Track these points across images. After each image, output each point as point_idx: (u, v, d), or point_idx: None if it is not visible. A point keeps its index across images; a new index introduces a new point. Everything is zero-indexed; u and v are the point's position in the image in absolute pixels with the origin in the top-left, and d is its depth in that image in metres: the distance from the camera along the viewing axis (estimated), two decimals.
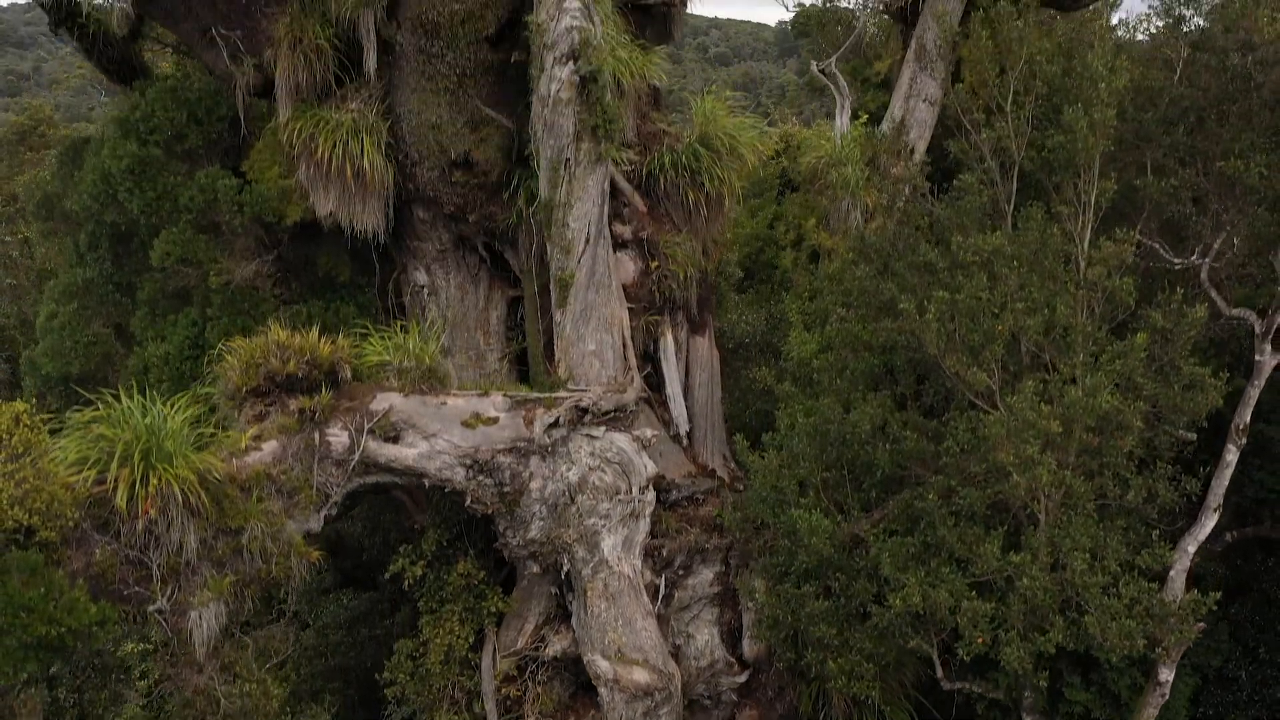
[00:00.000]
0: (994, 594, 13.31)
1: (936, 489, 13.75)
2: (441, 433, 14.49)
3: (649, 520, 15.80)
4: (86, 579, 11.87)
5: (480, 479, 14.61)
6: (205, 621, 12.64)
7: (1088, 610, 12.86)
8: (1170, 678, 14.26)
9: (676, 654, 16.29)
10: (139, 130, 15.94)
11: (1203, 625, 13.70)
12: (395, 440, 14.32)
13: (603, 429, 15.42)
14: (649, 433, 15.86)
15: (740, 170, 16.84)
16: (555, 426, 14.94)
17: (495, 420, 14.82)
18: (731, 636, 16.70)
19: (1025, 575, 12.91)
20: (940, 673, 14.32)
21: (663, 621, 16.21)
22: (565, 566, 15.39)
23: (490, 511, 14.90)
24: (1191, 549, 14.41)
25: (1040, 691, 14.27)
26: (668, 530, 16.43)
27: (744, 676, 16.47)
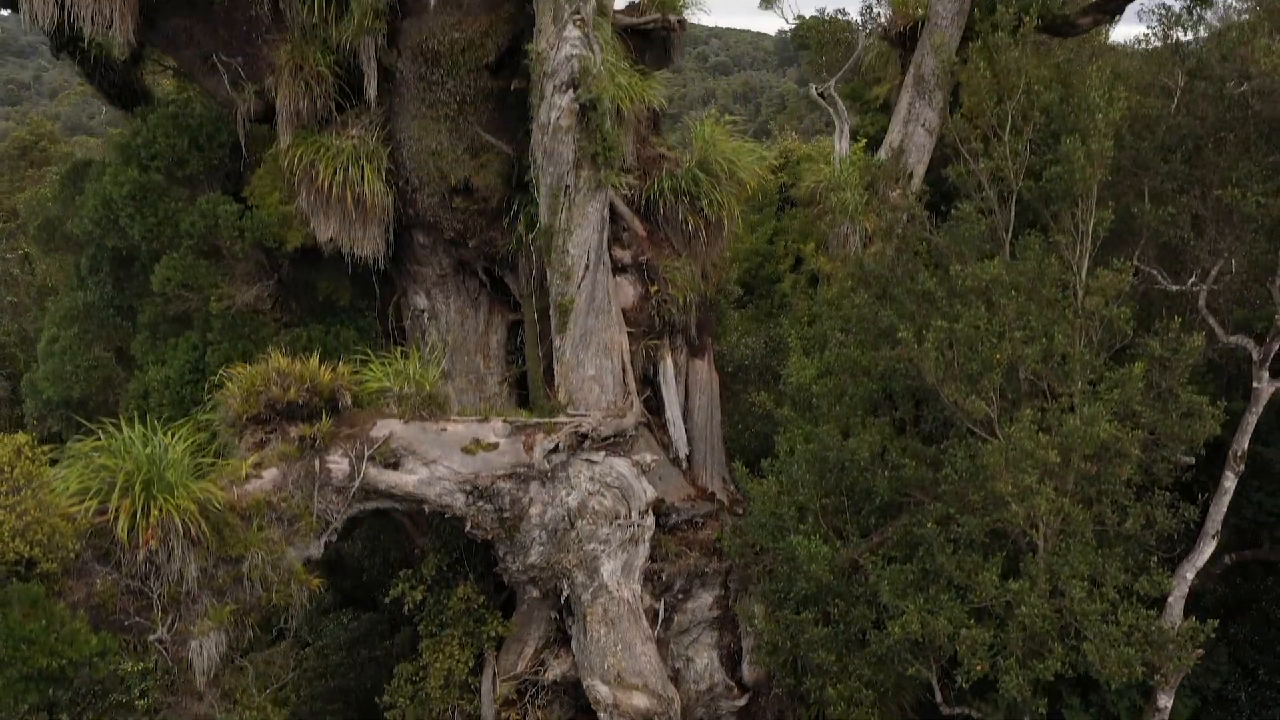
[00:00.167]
0: (993, 621, 13.33)
1: (935, 516, 13.79)
2: (441, 459, 14.52)
3: (648, 545, 15.81)
4: (87, 609, 11.90)
5: (480, 505, 14.64)
6: (206, 650, 12.65)
7: (1086, 637, 12.88)
8: (1169, 704, 14.31)
9: (676, 678, 16.31)
10: (140, 156, 16.00)
11: (1201, 652, 13.73)
12: (395, 466, 14.34)
13: (602, 454, 15.45)
14: (648, 457, 15.89)
15: (740, 195, 16.90)
16: (555, 452, 14.97)
17: (495, 446, 14.85)
18: (731, 660, 16.71)
19: (1024, 603, 12.95)
20: (939, 698, 14.34)
21: (662, 645, 16.23)
22: (565, 591, 15.41)
23: (490, 537, 14.92)
24: (1190, 575, 14.46)
25: (1040, 717, 14.29)
26: (667, 554, 16.45)
27: (744, 700, 16.48)
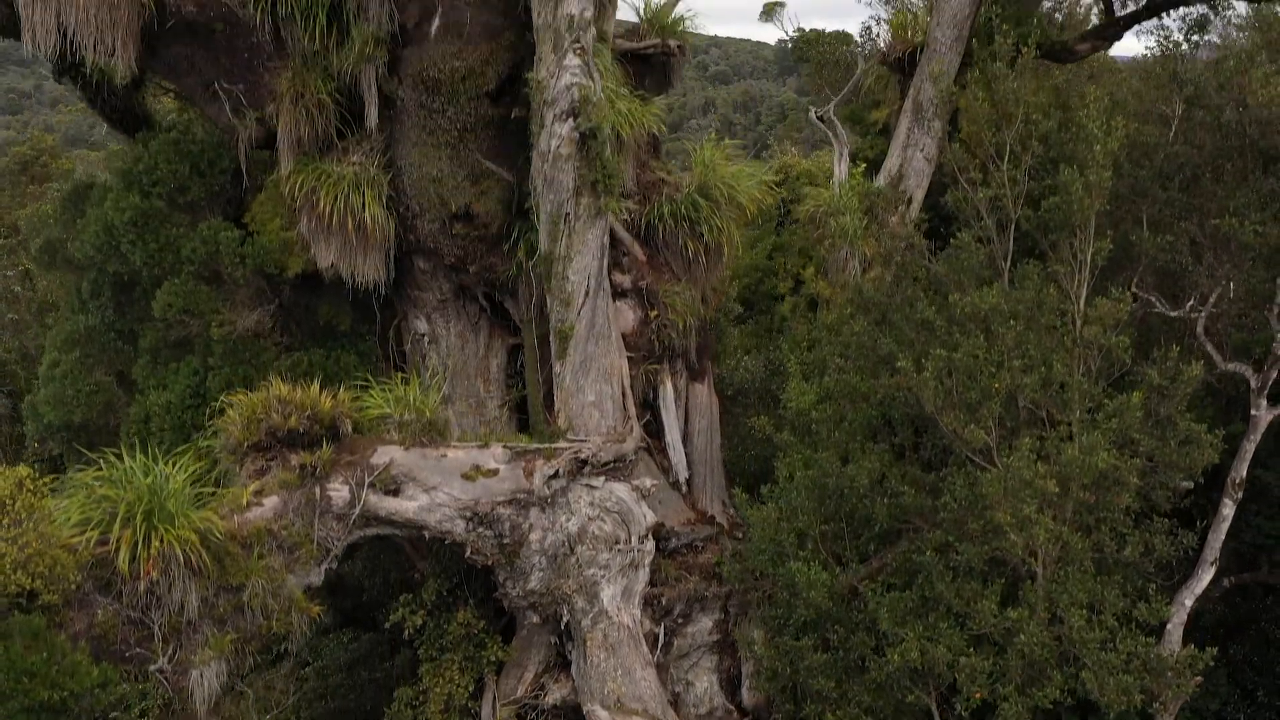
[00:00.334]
0: (992, 648, 13.37)
1: (934, 544, 13.83)
2: (442, 485, 14.56)
3: (648, 569, 15.85)
4: (88, 640, 11.93)
5: (480, 531, 14.68)
6: (206, 680, 12.69)
7: (1085, 665, 12.91)
8: None
9: (676, 702, 16.34)
10: (142, 182, 16.04)
11: (1199, 679, 13.75)
12: (395, 493, 14.38)
13: (602, 479, 15.49)
14: (648, 482, 15.93)
15: (739, 219, 16.97)
16: (555, 478, 15.01)
17: (495, 472, 14.89)
18: (731, 684, 16.75)
19: (1023, 630, 12.98)
20: None
21: (662, 669, 16.26)
22: (565, 617, 15.45)
23: (490, 562, 14.96)
24: (1189, 602, 14.49)
25: None
26: (667, 578, 16.49)
27: None
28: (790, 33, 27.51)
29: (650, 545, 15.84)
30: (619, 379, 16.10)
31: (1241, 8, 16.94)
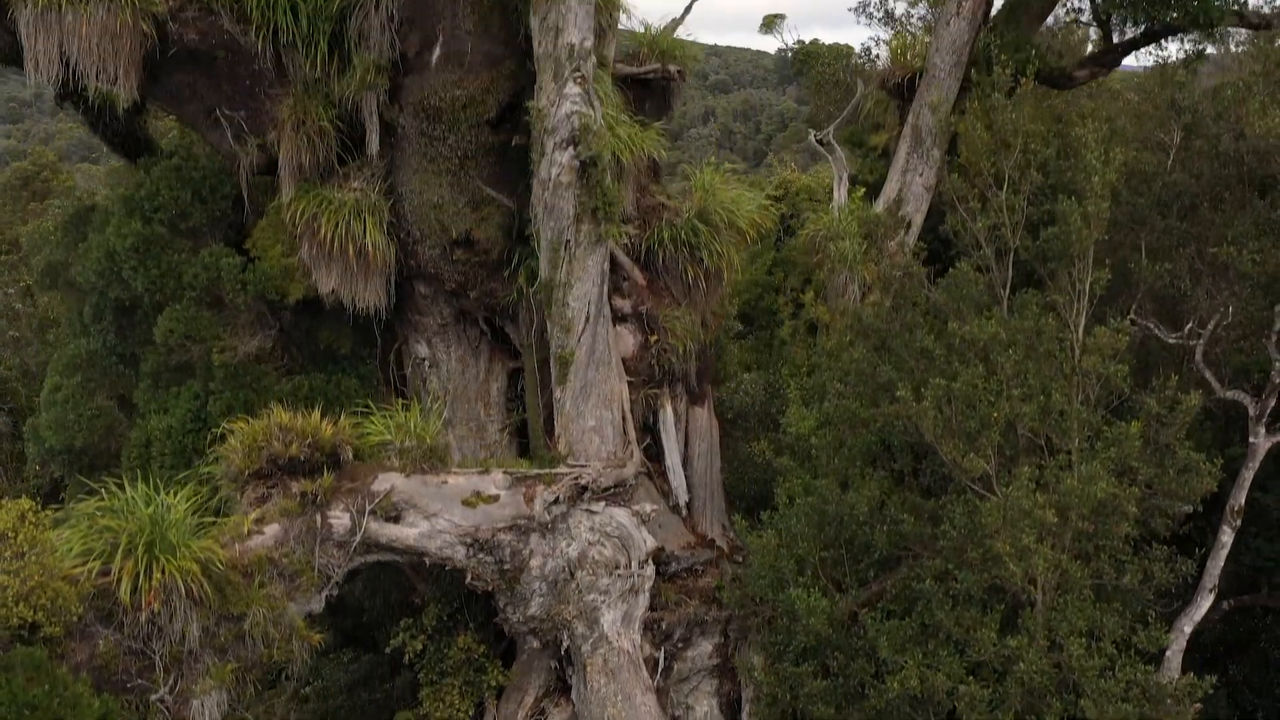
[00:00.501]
0: (992, 676, 13.38)
1: (934, 572, 13.85)
2: (442, 512, 14.59)
3: (648, 595, 15.88)
4: (90, 671, 11.95)
5: (481, 557, 14.71)
6: (208, 709, 12.71)
7: (1085, 693, 12.92)
8: None
9: None
10: (143, 209, 16.11)
11: (1199, 706, 13.77)
12: (396, 520, 14.41)
13: (602, 504, 15.54)
14: (648, 507, 15.97)
15: (739, 244, 17.02)
16: (555, 504, 15.05)
17: (496, 498, 14.93)
18: (731, 708, 16.75)
19: (1023, 658, 13.00)
20: None
21: (662, 693, 16.27)
22: (565, 642, 15.48)
23: (491, 588, 15.00)
24: (1188, 629, 14.53)
25: None
26: (667, 602, 16.50)
27: None
28: (790, 44, 27.53)
29: (650, 570, 15.87)
30: (619, 404, 16.15)
31: (1242, 33, 16.99)
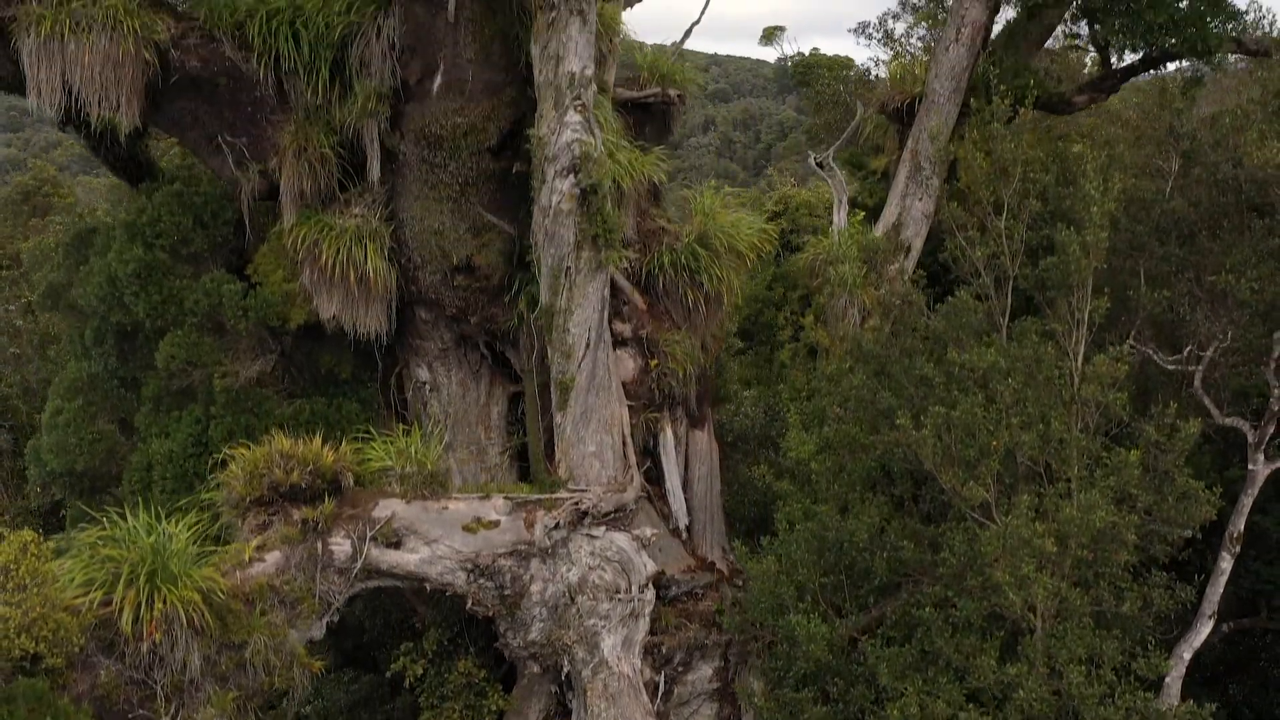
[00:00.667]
0: (992, 702, 13.39)
1: (933, 599, 13.87)
2: (443, 538, 14.62)
3: (649, 619, 15.89)
4: (91, 701, 11.97)
5: (481, 582, 14.73)
6: None
7: None
8: None
9: None
10: (145, 235, 16.15)
11: None
12: (397, 546, 14.44)
13: (603, 529, 15.55)
14: (649, 531, 15.98)
15: (739, 268, 17.06)
16: (556, 529, 15.07)
17: (496, 524, 14.95)
18: None
19: (1022, 686, 13.01)
20: None
21: (662, 717, 16.28)
22: (566, 667, 15.48)
23: (492, 613, 15.02)
24: (1187, 655, 14.54)
25: None
26: (667, 626, 16.52)
27: None
28: (791, 55, 27.58)
29: (650, 594, 15.88)
30: (619, 428, 16.17)
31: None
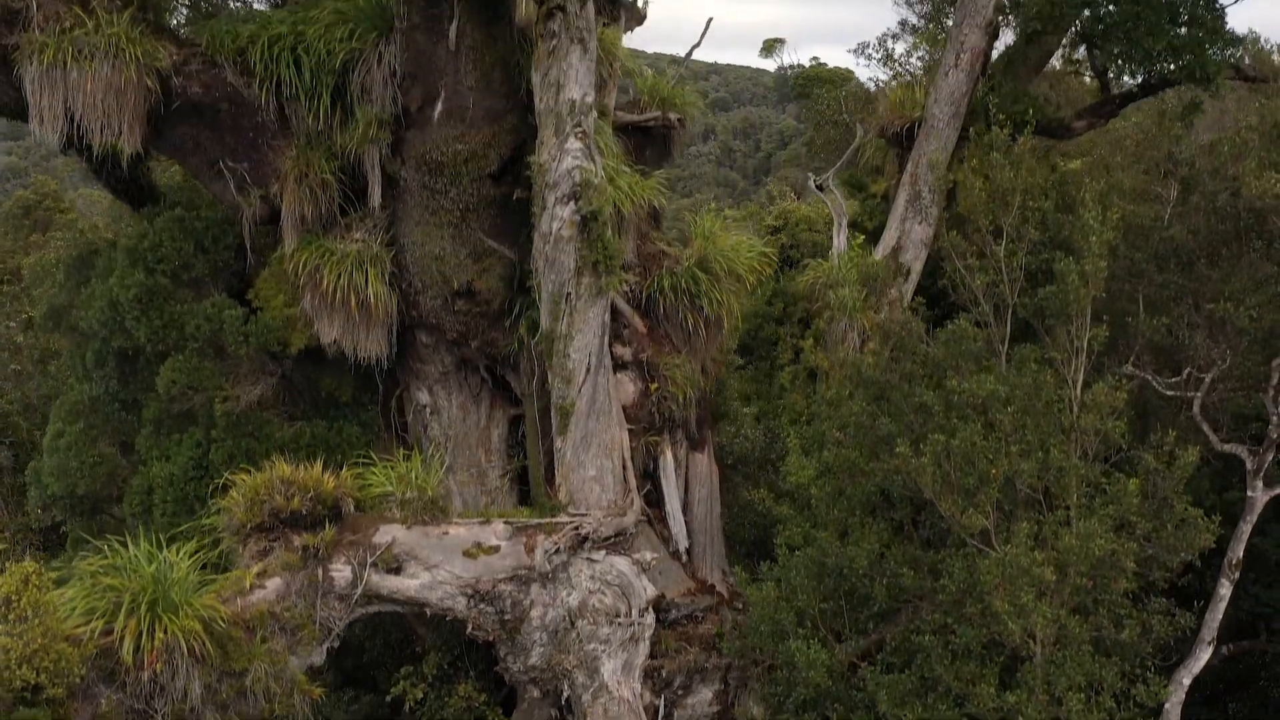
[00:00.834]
0: None
1: (933, 625, 13.89)
2: (443, 563, 14.66)
3: (649, 643, 15.91)
4: None
5: (482, 608, 14.77)
6: None
7: None
8: None
9: None
10: (147, 260, 16.21)
11: None
12: (397, 571, 14.47)
13: (603, 553, 15.58)
14: (649, 555, 16.00)
15: (739, 291, 17.10)
16: (556, 553, 15.11)
17: (496, 549, 14.99)
18: None
19: (1022, 713, 13.03)
20: None
21: None
22: (566, 691, 15.50)
23: (492, 638, 15.05)
24: (1186, 681, 14.54)
25: None
26: (667, 650, 16.50)
27: None
28: (791, 65, 27.64)
29: (650, 618, 15.90)
30: (619, 453, 16.20)
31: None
